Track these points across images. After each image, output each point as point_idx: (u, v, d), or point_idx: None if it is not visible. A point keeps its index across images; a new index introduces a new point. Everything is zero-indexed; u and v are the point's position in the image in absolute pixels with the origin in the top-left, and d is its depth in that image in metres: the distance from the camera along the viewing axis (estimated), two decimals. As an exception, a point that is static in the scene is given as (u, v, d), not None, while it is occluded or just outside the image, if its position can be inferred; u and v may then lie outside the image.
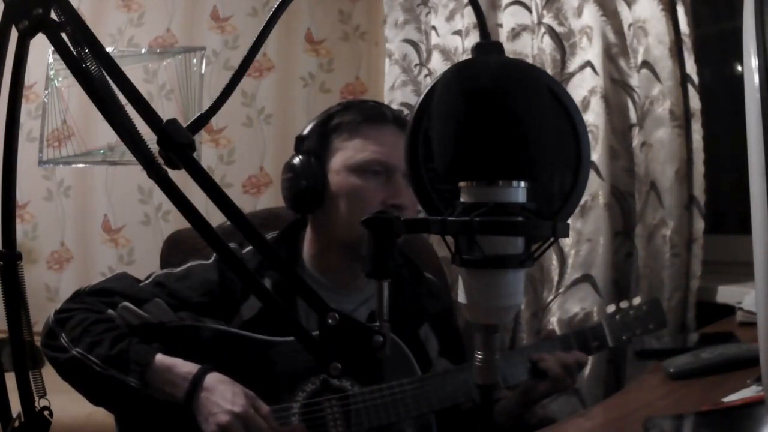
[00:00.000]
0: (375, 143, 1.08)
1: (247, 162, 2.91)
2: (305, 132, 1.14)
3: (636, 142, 1.60)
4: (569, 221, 0.49)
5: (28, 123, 2.88)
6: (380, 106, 1.16)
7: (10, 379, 0.57)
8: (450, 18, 2.03)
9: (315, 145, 1.11)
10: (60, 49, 0.49)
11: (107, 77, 0.49)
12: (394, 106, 2.07)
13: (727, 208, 1.90)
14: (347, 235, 1.08)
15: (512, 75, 0.44)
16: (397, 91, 2.19)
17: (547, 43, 1.70)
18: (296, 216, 1.18)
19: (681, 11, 1.49)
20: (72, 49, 0.49)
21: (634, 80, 1.59)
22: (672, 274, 1.49)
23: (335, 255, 1.13)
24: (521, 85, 0.43)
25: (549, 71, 1.64)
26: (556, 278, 1.64)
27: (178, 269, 1.12)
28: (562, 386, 1.09)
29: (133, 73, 2.87)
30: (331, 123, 1.12)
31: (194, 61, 2.92)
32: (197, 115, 0.50)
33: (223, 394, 0.92)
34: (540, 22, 1.73)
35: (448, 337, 1.23)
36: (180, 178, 0.47)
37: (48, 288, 2.89)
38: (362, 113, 1.12)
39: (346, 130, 1.10)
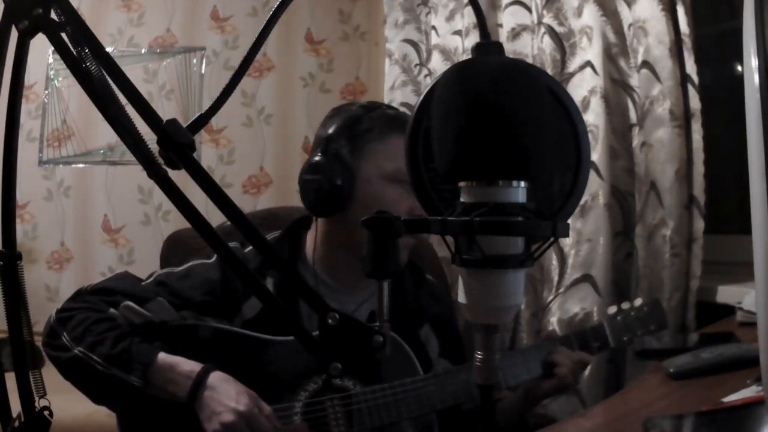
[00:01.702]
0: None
1: (247, 162, 2.91)
2: (331, 132, 1.09)
3: (636, 142, 1.60)
4: (569, 221, 0.49)
5: (28, 123, 2.88)
6: (404, 115, 1.16)
7: (10, 379, 0.57)
8: (450, 18, 2.03)
9: (344, 148, 1.07)
10: (60, 49, 0.49)
11: (107, 77, 0.49)
12: (394, 106, 2.07)
13: (727, 208, 1.90)
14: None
15: (512, 75, 0.44)
16: (397, 91, 2.19)
17: (547, 43, 1.70)
18: (299, 216, 1.18)
19: (681, 11, 1.49)
20: (72, 49, 0.49)
21: (634, 80, 1.59)
22: (672, 274, 1.49)
23: (345, 257, 1.12)
24: (521, 86, 0.43)
25: (549, 71, 1.64)
26: (556, 278, 1.64)
27: (180, 268, 1.11)
28: (566, 386, 1.10)
29: (133, 73, 2.87)
30: (361, 127, 1.09)
31: (194, 61, 2.92)
32: (197, 115, 0.50)
33: (227, 393, 0.92)
34: (540, 22, 1.73)
35: (448, 338, 1.23)
36: (180, 178, 0.47)
37: (48, 288, 2.89)
38: (392, 121, 1.10)
39: (378, 137, 1.09)
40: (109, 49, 0.67)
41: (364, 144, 1.09)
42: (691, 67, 1.49)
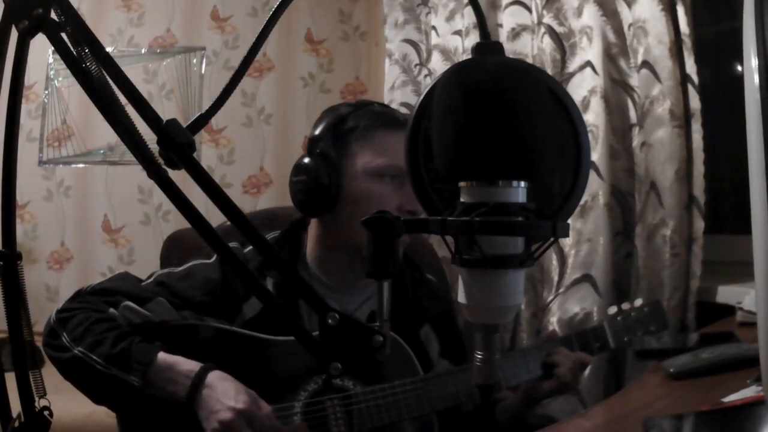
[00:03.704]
0: (392, 148, 1.08)
1: (247, 162, 2.91)
2: (317, 132, 1.10)
3: (636, 142, 1.60)
4: (569, 221, 0.49)
5: (28, 123, 2.88)
6: (392, 111, 1.16)
7: (10, 379, 0.57)
8: (450, 18, 2.03)
9: (330, 148, 1.08)
10: (60, 49, 0.49)
11: (107, 77, 0.49)
12: (394, 106, 2.07)
13: (727, 208, 1.91)
14: (360, 239, 1.08)
15: (512, 75, 0.44)
16: (397, 91, 2.19)
17: (547, 43, 1.70)
18: (298, 216, 1.18)
19: (681, 11, 1.49)
20: (72, 49, 0.49)
21: (634, 80, 1.59)
22: (672, 274, 1.49)
23: (341, 256, 1.12)
24: (521, 85, 0.43)
25: (549, 71, 1.64)
26: (556, 278, 1.64)
27: (180, 268, 1.11)
28: (566, 386, 1.10)
29: (133, 73, 2.87)
30: (346, 125, 1.09)
31: (194, 61, 2.92)
32: (197, 115, 0.50)
33: (225, 392, 0.92)
34: (540, 22, 1.73)
35: (449, 338, 1.23)
36: (180, 178, 0.47)
37: (48, 288, 2.88)
38: (377, 118, 1.10)
39: (363, 134, 1.09)
40: (109, 49, 0.67)
41: (348, 141, 1.09)
42: (691, 67, 1.50)
